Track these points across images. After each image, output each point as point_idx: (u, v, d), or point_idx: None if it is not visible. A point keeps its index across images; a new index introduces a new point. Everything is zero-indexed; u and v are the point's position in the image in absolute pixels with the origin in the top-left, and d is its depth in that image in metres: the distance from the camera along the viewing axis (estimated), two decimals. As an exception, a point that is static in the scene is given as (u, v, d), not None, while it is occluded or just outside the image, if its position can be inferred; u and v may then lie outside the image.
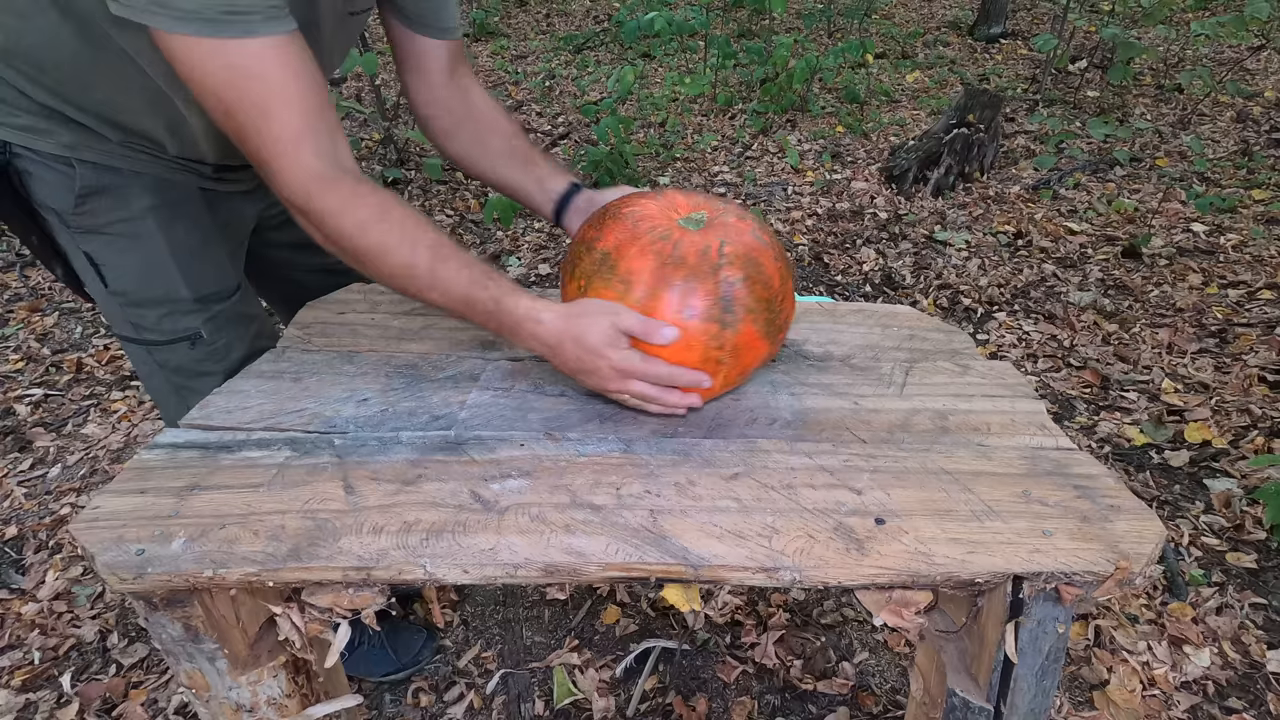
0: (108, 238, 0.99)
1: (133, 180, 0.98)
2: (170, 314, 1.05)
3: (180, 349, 1.08)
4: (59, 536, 1.88)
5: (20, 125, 0.92)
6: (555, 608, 1.70)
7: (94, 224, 0.98)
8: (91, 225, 0.98)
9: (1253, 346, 2.54)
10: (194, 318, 1.07)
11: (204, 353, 1.09)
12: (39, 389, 2.43)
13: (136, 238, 1.00)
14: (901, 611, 0.81)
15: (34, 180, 0.95)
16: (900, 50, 6.33)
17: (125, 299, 1.04)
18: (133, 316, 1.05)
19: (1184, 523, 1.91)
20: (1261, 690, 1.52)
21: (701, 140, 4.54)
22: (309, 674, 0.91)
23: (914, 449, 0.93)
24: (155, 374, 1.11)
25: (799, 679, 1.53)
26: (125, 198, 0.98)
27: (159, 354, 1.08)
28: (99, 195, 0.97)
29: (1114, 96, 5.09)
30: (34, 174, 0.94)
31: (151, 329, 1.06)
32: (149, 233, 1.00)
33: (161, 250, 1.02)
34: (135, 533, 0.77)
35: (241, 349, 1.12)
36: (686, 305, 0.88)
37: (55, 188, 0.95)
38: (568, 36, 6.75)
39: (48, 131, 0.93)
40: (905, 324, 1.23)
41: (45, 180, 0.95)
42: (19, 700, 1.51)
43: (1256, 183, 3.81)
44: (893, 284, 3.09)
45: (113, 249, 1.00)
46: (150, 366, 1.10)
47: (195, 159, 1.03)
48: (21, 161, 0.94)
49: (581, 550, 0.77)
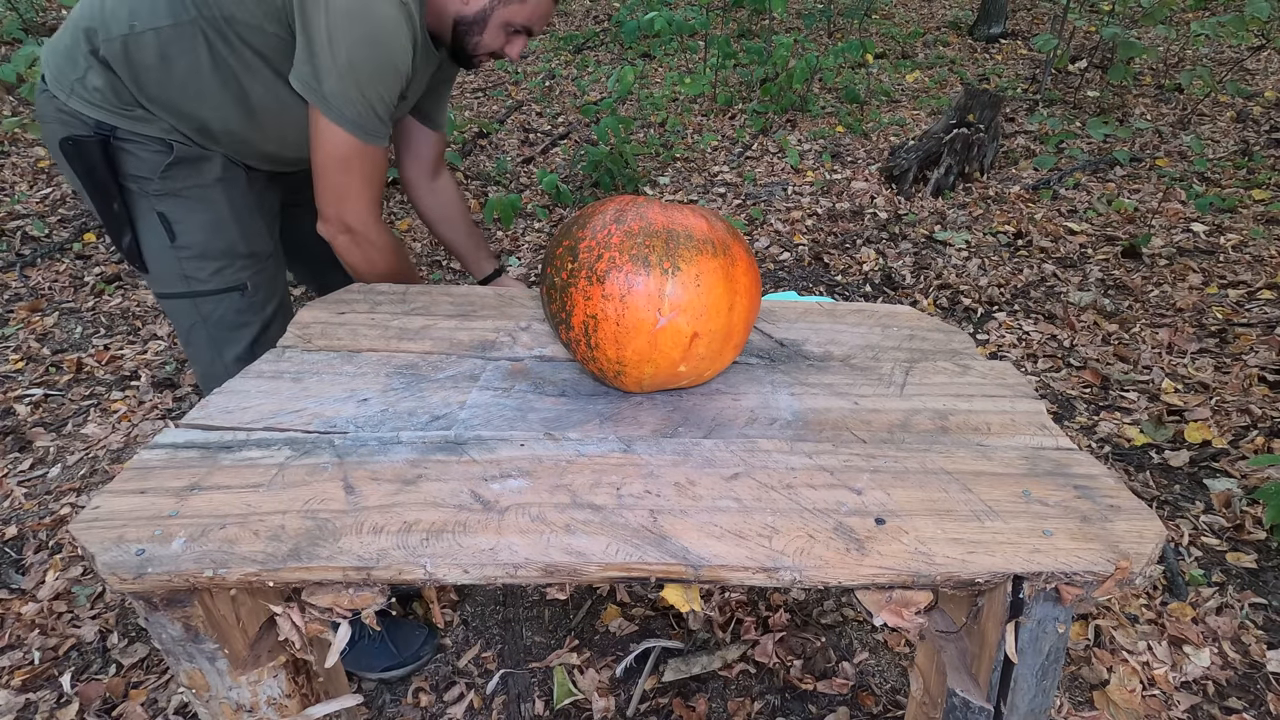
0: (183, 200, 1.24)
1: (206, 156, 1.24)
2: (226, 267, 1.29)
3: (232, 298, 1.30)
4: (59, 536, 1.88)
5: (126, 114, 1.17)
6: (555, 608, 1.70)
7: (173, 188, 1.22)
8: (171, 189, 1.22)
9: (1253, 346, 2.54)
10: (245, 271, 1.31)
11: (247, 303, 1.32)
12: (39, 389, 2.43)
13: (207, 200, 1.25)
14: (901, 611, 0.81)
15: (127, 156, 1.19)
16: (900, 50, 6.33)
17: (190, 252, 1.26)
18: (190, 269, 1.27)
19: (1184, 523, 1.91)
20: (1261, 690, 1.52)
21: (701, 140, 4.54)
22: (309, 674, 0.91)
23: (914, 449, 0.93)
24: (198, 327, 1.31)
25: (799, 679, 1.53)
26: (200, 169, 1.24)
27: (205, 305, 1.29)
28: (181, 165, 1.22)
29: (1114, 96, 5.09)
30: (129, 150, 1.19)
31: (206, 281, 1.28)
32: (217, 198, 1.26)
33: (226, 212, 1.27)
34: (135, 533, 0.77)
35: (273, 305, 1.37)
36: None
37: (145, 161, 1.20)
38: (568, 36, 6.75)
39: (147, 120, 1.19)
40: (905, 324, 1.23)
41: (137, 156, 1.19)
42: (19, 700, 1.51)
43: (1256, 183, 3.81)
44: (893, 284, 3.09)
45: (186, 209, 1.24)
46: (193, 319, 1.30)
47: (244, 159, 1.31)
48: (120, 141, 1.18)
49: (581, 550, 0.77)
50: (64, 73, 1.17)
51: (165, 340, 2.69)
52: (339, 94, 1.10)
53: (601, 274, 0.89)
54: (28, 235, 3.32)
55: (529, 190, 3.96)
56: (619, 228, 0.92)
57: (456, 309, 1.26)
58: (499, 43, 1.26)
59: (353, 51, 1.08)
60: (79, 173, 1.19)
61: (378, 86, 1.12)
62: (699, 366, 0.96)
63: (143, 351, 2.63)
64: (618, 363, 0.94)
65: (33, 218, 3.44)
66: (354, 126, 1.14)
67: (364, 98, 1.12)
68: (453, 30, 1.23)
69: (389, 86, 1.14)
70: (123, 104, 1.17)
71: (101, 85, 1.16)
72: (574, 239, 0.93)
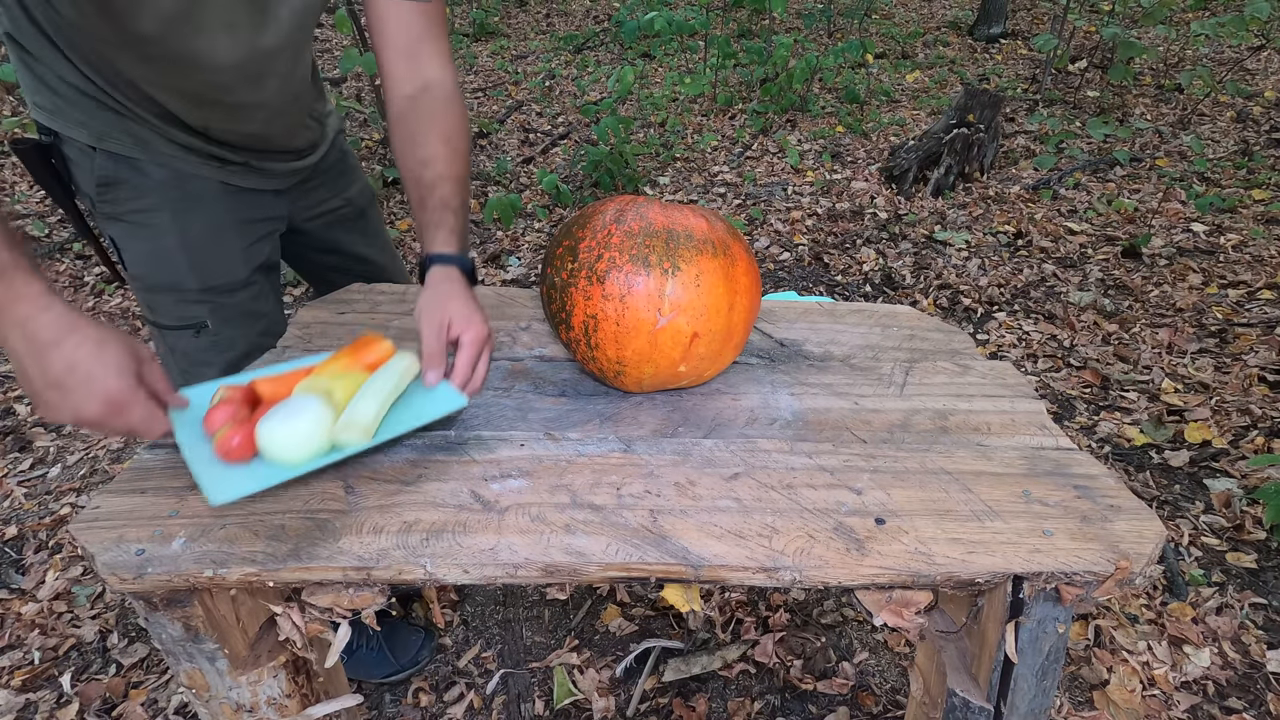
0: (126, 225, 1.06)
1: (151, 172, 1.03)
2: (178, 302, 1.11)
3: (185, 336, 1.13)
4: (59, 536, 1.88)
5: (58, 111, 0.98)
6: (555, 608, 1.70)
7: (115, 211, 1.05)
8: (113, 212, 1.05)
9: (1253, 346, 2.54)
10: (200, 308, 1.12)
11: (207, 342, 1.14)
12: (39, 389, 2.43)
13: (150, 227, 1.06)
14: (901, 611, 0.81)
15: (74, 166, 1.02)
16: (900, 50, 6.33)
17: (140, 283, 1.10)
18: (147, 300, 1.12)
19: (1184, 523, 1.91)
20: (1261, 690, 1.52)
21: (701, 140, 4.54)
22: (309, 674, 0.91)
23: (914, 449, 0.93)
24: (167, 357, 1.17)
25: (799, 679, 1.53)
26: (141, 189, 1.03)
27: (169, 338, 1.14)
28: (117, 186, 1.02)
29: (1114, 96, 5.09)
30: (74, 160, 1.02)
31: (163, 314, 1.12)
32: (162, 224, 1.06)
33: (172, 242, 1.07)
34: (135, 533, 0.77)
35: (244, 345, 1.15)
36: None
37: (84, 173, 1.02)
38: (568, 36, 6.75)
39: (82, 123, 0.99)
40: (905, 324, 1.23)
41: (81, 166, 1.02)
42: (19, 700, 1.50)
43: (1256, 183, 3.81)
44: (893, 284, 3.09)
45: (129, 236, 1.06)
46: (163, 348, 1.16)
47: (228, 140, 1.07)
48: (65, 148, 1.01)
49: (581, 550, 0.77)
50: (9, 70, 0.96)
51: (165, 340, 2.70)
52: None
53: (601, 274, 0.89)
54: (28, 235, 3.32)
55: (529, 190, 3.96)
56: (619, 228, 0.92)
57: (456, 309, 1.26)
58: None
59: None
60: (35, 179, 1.04)
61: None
62: (699, 366, 0.96)
63: (143, 351, 2.63)
64: (618, 363, 0.94)
65: (33, 218, 3.44)
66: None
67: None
68: None
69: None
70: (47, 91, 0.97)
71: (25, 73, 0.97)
72: (574, 239, 0.93)
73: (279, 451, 0.77)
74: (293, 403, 0.80)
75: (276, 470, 0.78)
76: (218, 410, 0.83)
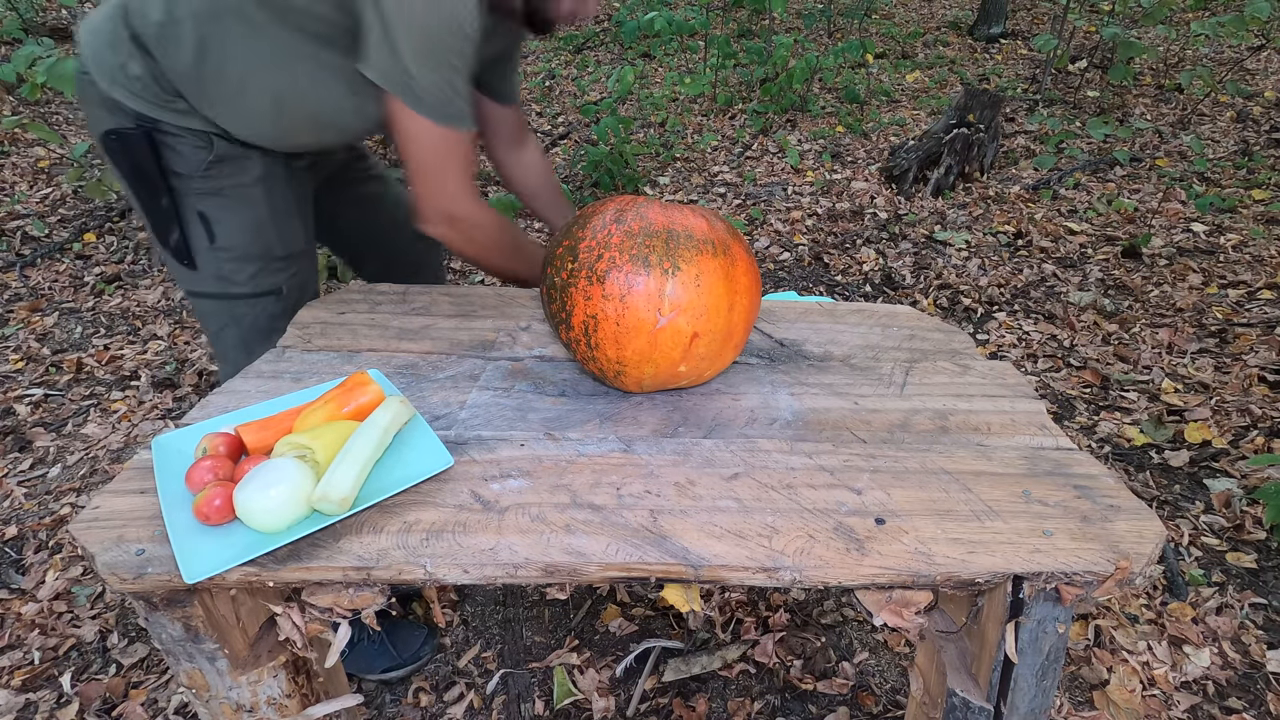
0: (224, 199, 1.19)
1: (248, 153, 1.19)
2: (263, 270, 1.25)
3: (266, 302, 1.27)
4: (59, 536, 1.88)
5: (168, 106, 1.12)
6: (555, 608, 1.70)
7: (215, 186, 1.18)
8: (213, 188, 1.18)
9: (1253, 346, 2.54)
10: (281, 275, 1.27)
11: (282, 306, 1.28)
12: (39, 389, 2.43)
13: (248, 200, 1.21)
14: (901, 611, 0.81)
15: (170, 151, 1.14)
16: (900, 50, 6.33)
17: (230, 254, 1.22)
18: (228, 271, 1.23)
19: (1184, 523, 1.91)
20: (1261, 690, 1.52)
21: (701, 140, 4.54)
22: (309, 674, 0.91)
23: (914, 449, 0.93)
24: (229, 328, 1.27)
25: (799, 679, 1.53)
26: (242, 167, 1.19)
27: (239, 308, 1.26)
28: (224, 162, 1.17)
29: (1114, 96, 5.09)
30: (171, 145, 1.14)
31: (242, 284, 1.24)
32: (257, 198, 1.21)
33: (265, 213, 1.23)
34: (135, 533, 0.77)
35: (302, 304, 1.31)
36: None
37: (188, 157, 1.15)
38: (568, 36, 6.75)
39: (190, 113, 1.13)
40: (905, 324, 1.23)
41: (180, 152, 1.14)
42: (19, 700, 1.51)
43: (1256, 183, 3.81)
44: (893, 284, 3.09)
45: (227, 209, 1.19)
46: (225, 320, 1.27)
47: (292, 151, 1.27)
48: (163, 135, 1.13)
49: (581, 550, 0.77)
50: (103, 57, 1.11)
51: (165, 340, 2.69)
52: (420, 78, 1.05)
53: (601, 274, 0.89)
54: (28, 235, 3.32)
55: (529, 190, 3.95)
56: (619, 228, 0.92)
57: (456, 309, 1.26)
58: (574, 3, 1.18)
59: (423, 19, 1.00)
60: (122, 168, 1.15)
61: (451, 56, 1.05)
62: (699, 366, 0.96)
63: (143, 351, 2.63)
64: (618, 363, 0.94)
65: (33, 218, 3.44)
66: (441, 115, 1.09)
67: (444, 78, 1.06)
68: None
69: (463, 55, 1.06)
70: (164, 94, 1.11)
71: (142, 73, 1.10)
72: (574, 239, 0.93)
73: (256, 521, 0.76)
74: (271, 467, 0.78)
75: (254, 541, 0.76)
76: (201, 467, 0.81)
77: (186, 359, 2.59)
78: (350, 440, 0.84)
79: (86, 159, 3.69)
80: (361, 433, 0.84)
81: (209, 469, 0.81)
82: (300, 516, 0.78)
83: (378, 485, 0.83)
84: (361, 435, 0.84)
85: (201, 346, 2.64)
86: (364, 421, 0.86)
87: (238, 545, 0.75)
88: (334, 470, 0.79)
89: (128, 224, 3.43)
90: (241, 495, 0.76)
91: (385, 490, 0.82)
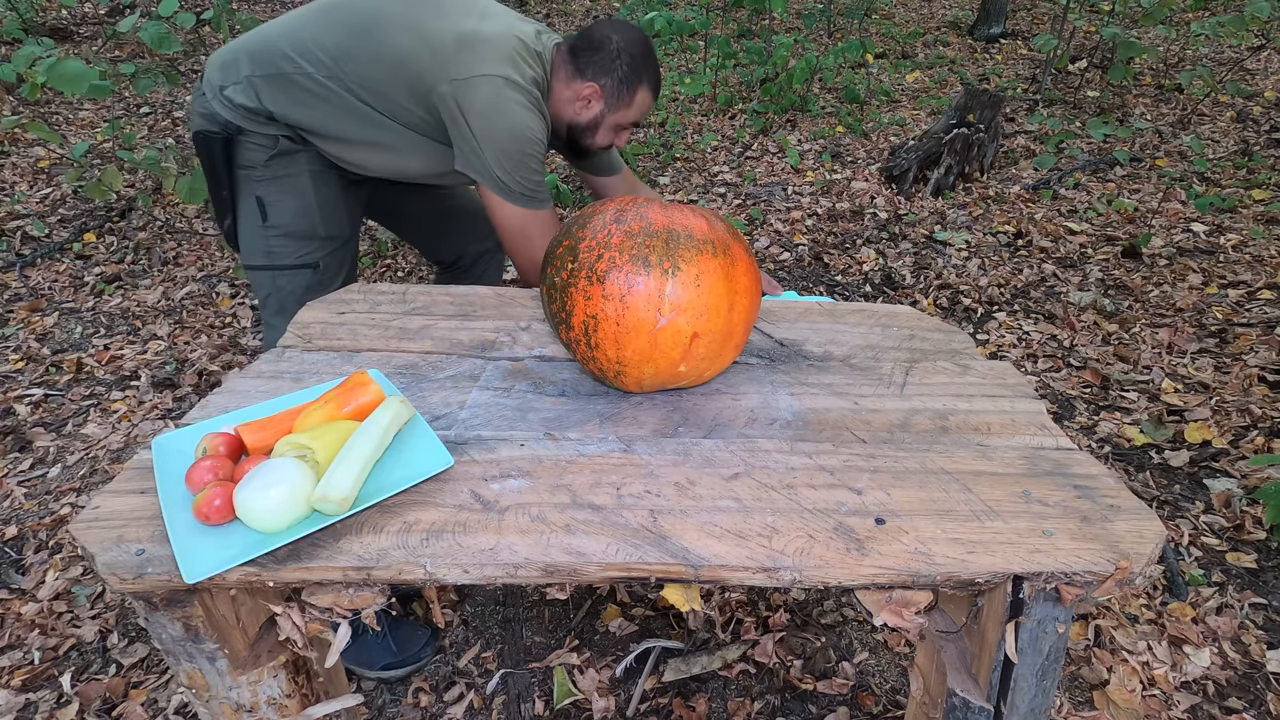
0: (279, 185, 1.45)
1: (304, 150, 1.46)
2: (305, 246, 1.50)
3: (304, 274, 1.52)
4: (59, 536, 1.88)
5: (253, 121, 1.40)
6: (555, 608, 1.70)
7: (273, 174, 1.45)
8: (271, 175, 1.45)
9: (1253, 346, 2.54)
10: (319, 252, 1.52)
11: (317, 279, 1.53)
12: (39, 389, 2.43)
13: (299, 188, 1.47)
14: (901, 611, 0.81)
15: (240, 147, 1.42)
16: (900, 50, 6.33)
17: (278, 231, 1.48)
18: (274, 246, 1.49)
19: (1184, 523, 1.91)
20: (1261, 690, 1.52)
21: (701, 140, 4.54)
22: (309, 674, 0.91)
23: (914, 449, 0.93)
24: (272, 296, 1.53)
25: (799, 679, 1.53)
26: (297, 161, 1.45)
27: (281, 278, 1.51)
28: (282, 156, 1.44)
29: (1114, 96, 5.09)
30: (242, 142, 1.41)
31: (285, 257, 1.49)
32: (306, 186, 1.47)
33: (312, 199, 1.48)
34: (135, 533, 0.77)
35: (338, 282, 1.58)
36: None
37: (255, 151, 1.42)
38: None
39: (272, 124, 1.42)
40: (905, 324, 1.23)
41: (249, 146, 1.42)
42: (19, 700, 1.50)
43: (1256, 183, 3.81)
44: (893, 284, 3.09)
45: (281, 193, 1.46)
46: (270, 289, 1.52)
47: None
48: (244, 136, 1.41)
49: (581, 550, 0.77)
50: (215, 79, 1.40)
51: (165, 340, 2.69)
52: (503, 175, 1.34)
53: (601, 274, 0.89)
54: (28, 235, 3.32)
55: (529, 190, 3.95)
56: (619, 228, 0.92)
57: (456, 309, 1.26)
58: (609, 139, 1.50)
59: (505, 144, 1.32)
60: (203, 161, 1.44)
61: (529, 161, 1.36)
62: (699, 366, 0.96)
63: (143, 351, 2.63)
64: (618, 363, 0.94)
65: (33, 218, 3.44)
66: (522, 199, 1.38)
67: (522, 173, 1.35)
68: (567, 132, 1.47)
69: (538, 158, 1.38)
70: (255, 117, 1.39)
71: (243, 101, 1.38)
72: (574, 239, 0.93)
73: (256, 521, 0.76)
74: (271, 467, 0.78)
75: (254, 541, 0.76)
76: (201, 467, 0.81)
77: (186, 359, 2.58)
78: (350, 440, 0.84)
79: (86, 159, 3.69)
80: (361, 433, 0.84)
81: (209, 469, 0.81)
82: (300, 516, 0.78)
83: (378, 485, 0.83)
84: (361, 435, 0.84)
85: (201, 346, 2.64)
86: (364, 421, 0.86)
87: (238, 545, 0.75)
88: (334, 470, 0.79)
89: (128, 224, 3.44)
90: (241, 495, 0.76)
91: (385, 490, 0.82)
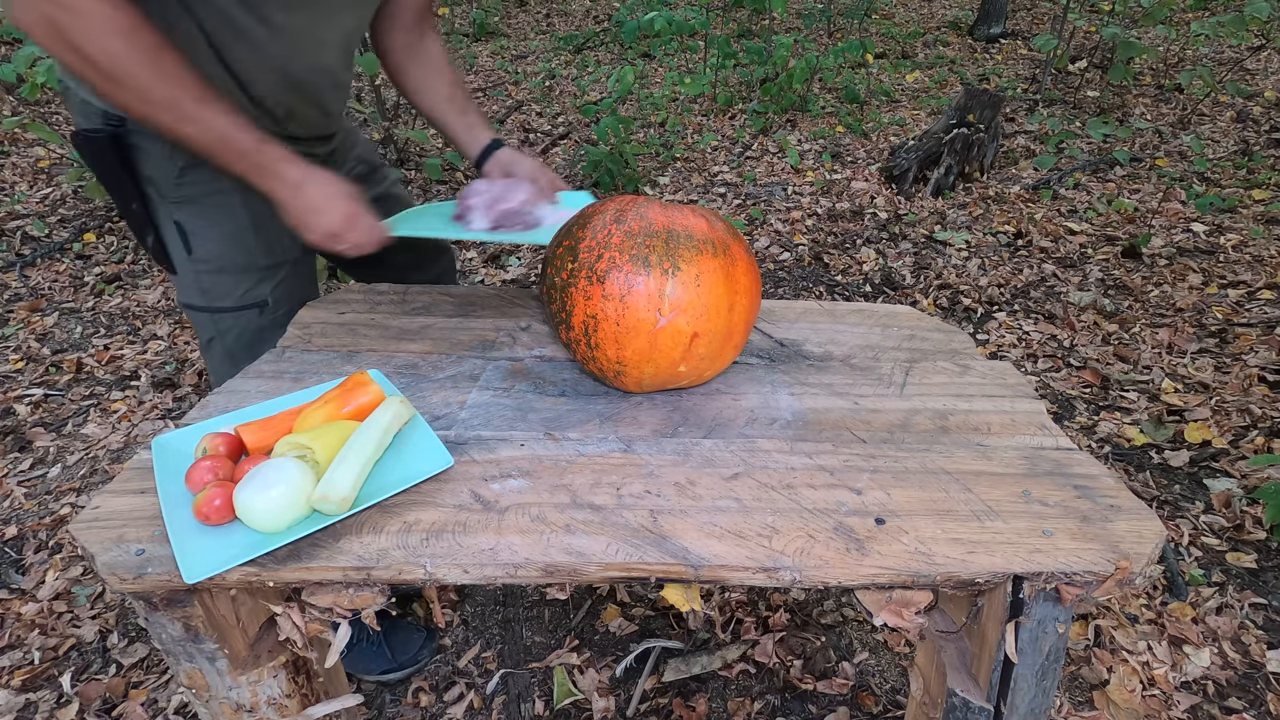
0: (200, 208, 1.13)
1: None
2: (245, 282, 1.19)
3: (249, 315, 1.21)
4: (59, 536, 1.88)
5: None
6: (555, 608, 1.70)
7: (190, 194, 1.11)
8: (188, 196, 1.12)
9: (1253, 346, 2.54)
10: (265, 285, 1.20)
11: (268, 319, 1.22)
12: (39, 389, 2.43)
13: (225, 208, 1.14)
14: (901, 611, 0.81)
15: (141, 154, 1.08)
16: (900, 50, 6.33)
17: (207, 266, 1.16)
18: (207, 284, 1.17)
19: (1184, 523, 1.91)
20: (1261, 690, 1.52)
21: (701, 140, 4.53)
22: (309, 674, 0.91)
23: (914, 449, 0.93)
24: (215, 341, 1.22)
25: (799, 679, 1.53)
26: (218, 174, 1.07)
27: (223, 321, 1.20)
28: (198, 169, 1.09)
29: (1114, 96, 5.09)
30: (142, 148, 1.07)
31: (222, 297, 1.18)
32: (234, 206, 1.14)
33: (245, 220, 1.15)
34: (135, 533, 0.77)
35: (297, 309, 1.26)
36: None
37: (160, 161, 1.08)
38: (568, 36, 6.75)
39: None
40: (905, 324, 1.23)
41: (151, 154, 1.07)
42: (19, 700, 1.50)
43: (1256, 183, 3.81)
44: (893, 284, 3.09)
45: (203, 219, 1.13)
46: (211, 333, 1.22)
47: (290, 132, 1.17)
48: (133, 136, 1.06)
49: (581, 550, 0.77)
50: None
51: (165, 340, 2.69)
52: None
53: (601, 274, 0.89)
54: (28, 235, 3.32)
55: (529, 190, 3.94)
56: (619, 228, 0.92)
57: (456, 309, 1.26)
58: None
59: None
60: (96, 169, 1.10)
61: None
62: (699, 366, 0.97)
63: (143, 351, 2.63)
64: (618, 363, 0.94)
65: (33, 218, 3.44)
66: None
67: None
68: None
69: None
70: None
71: None
72: (574, 239, 0.93)
73: (256, 521, 0.76)
74: (271, 467, 0.78)
75: (254, 541, 0.76)
76: (201, 467, 0.81)
77: (186, 359, 2.58)
78: (350, 440, 0.84)
79: (86, 159, 3.68)
80: (361, 433, 0.84)
81: (209, 469, 0.81)
82: (300, 516, 0.78)
83: (378, 485, 0.83)
84: (361, 435, 0.84)
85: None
86: (364, 421, 0.86)
87: (238, 545, 0.75)
88: (334, 470, 0.79)
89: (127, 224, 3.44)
90: (241, 495, 0.76)
91: (385, 490, 0.82)
